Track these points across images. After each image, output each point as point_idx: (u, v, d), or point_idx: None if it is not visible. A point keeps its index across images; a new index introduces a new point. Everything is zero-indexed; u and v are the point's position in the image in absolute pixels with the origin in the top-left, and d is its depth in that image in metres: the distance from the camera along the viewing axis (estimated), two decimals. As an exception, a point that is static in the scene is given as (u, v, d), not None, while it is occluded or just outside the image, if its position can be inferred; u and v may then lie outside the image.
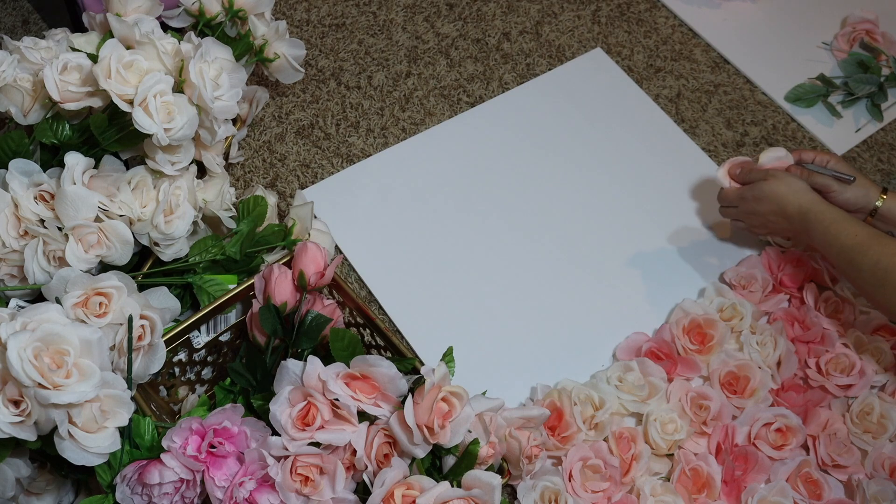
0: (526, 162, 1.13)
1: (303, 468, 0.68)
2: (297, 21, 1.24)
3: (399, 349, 0.82)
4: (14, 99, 0.81)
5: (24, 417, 0.64)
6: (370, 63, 1.21)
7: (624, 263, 1.05)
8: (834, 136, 1.19)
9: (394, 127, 1.15)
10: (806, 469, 0.89)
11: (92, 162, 0.79)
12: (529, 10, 1.28)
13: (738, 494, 0.88)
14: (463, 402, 0.71)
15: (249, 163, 1.10)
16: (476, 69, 1.21)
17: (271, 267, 0.79)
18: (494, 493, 0.69)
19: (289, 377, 0.71)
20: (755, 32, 1.29)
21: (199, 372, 0.87)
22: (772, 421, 0.91)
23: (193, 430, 0.69)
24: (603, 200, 1.10)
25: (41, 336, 0.63)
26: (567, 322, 1.00)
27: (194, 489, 0.69)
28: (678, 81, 1.23)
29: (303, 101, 1.16)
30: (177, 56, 0.82)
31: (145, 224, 0.81)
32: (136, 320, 0.72)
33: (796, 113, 1.20)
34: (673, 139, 1.17)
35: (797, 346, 0.97)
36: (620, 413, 0.92)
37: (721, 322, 0.97)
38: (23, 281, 0.78)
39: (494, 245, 1.05)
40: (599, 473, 0.86)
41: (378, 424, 0.71)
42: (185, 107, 0.80)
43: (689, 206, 1.10)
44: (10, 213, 0.76)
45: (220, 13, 0.98)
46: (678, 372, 0.95)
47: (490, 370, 0.96)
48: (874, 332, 0.99)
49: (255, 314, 0.80)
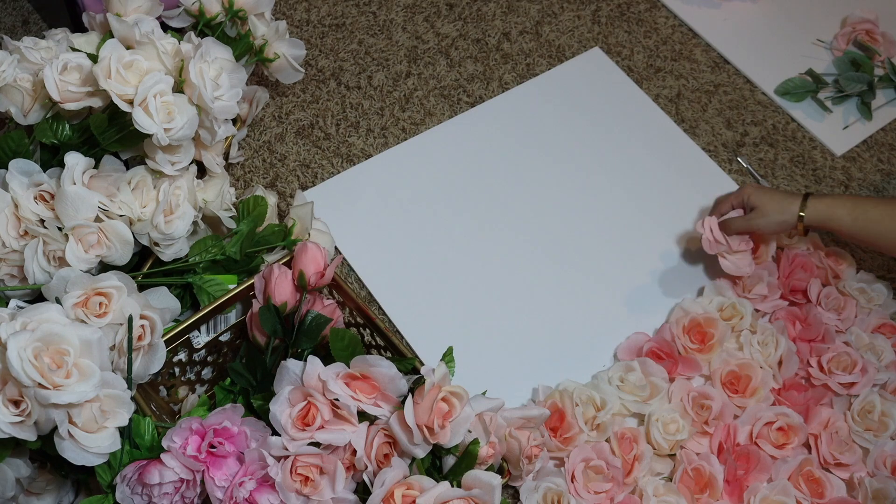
0: (525, 162, 1.12)
1: (303, 468, 0.68)
2: (297, 21, 1.24)
3: (399, 349, 0.82)
4: (14, 99, 0.81)
5: (24, 417, 0.64)
6: (370, 63, 1.21)
7: (624, 263, 1.05)
8: (834, 136, 1.19)
9: (394, 127, 1.15)
10: (808, 468, 0.89)
11: (92, 162, 0.79)
12: (529, 10, 1.28)
13: (741, 494, 0.88)
14: (463, 402, 0.71)
15: (249, 163, 1.10)
16: (476, 69, 1.21)
17: (271, 267, 0.79)
18: (494, 493, 0.69)
19: (289, 377, 0.71)
20: (755, 32, 1.29)
21: (199, 372, 0.87)
22: (773, 420, 0.91)
23: (193, 430, 0.69)
24: (603, 200, 1.10)
25: (41, 336, 0.63)
26: (567, 322, 1.00)
27: (194, 489, 0.68)
28: (678, 81, 1.23)
29: (303, 101, 1.16)
30: (177, 56, 0.82)
31: (145, 224, 0.81)
32: (136, 320, 0.72)
33: (787, 108, 1.20)
34: (673, 139, 1.17)
35: (799, 345, 0.97)
36: (622, 413, 0.92)
37: (721, 321, 0.97)
38: (23, 281, 0.78)
39: (494, 245, 1.05)
40: (602, 474, 0.85)
41: (378, 424, 0.71)
42: (185, 107, 0.80)
43: (689, 205, 1.10)
44: (10, 213, 0.76)
45: (220, 13, 0.98)
46: (679, 371, 0.95)
47: (490, 370, 0.95)
48: (875, 329, 0.99)
49: (255, 314, 0.80)
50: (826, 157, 1.17)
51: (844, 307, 1.00)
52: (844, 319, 0.99)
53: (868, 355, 0.96)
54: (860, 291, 1.01)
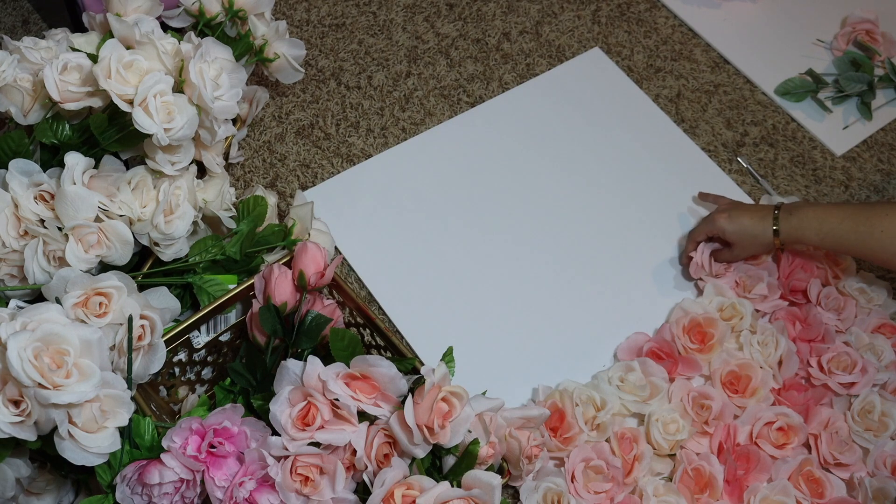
0: (525, 162, 1.12)
1: (303, 468, 0.68)
2: (297, 21, 1.24)
3: (399, 349, 0.82)
4: (14, 99, 0.81)
5: (24, 417, 0.64)
6: (370, 63, 1.21)
7: (624, 263, 1.05)
8: (834, 136, 1.19)
9: (394, 127, 1.15)
10: (808, 468, 0.89)
11: (92, 162, 0.79)
12: (529, 10, 1.28)
13: (741, 494, 0.88)
14: (463, 402, 0.71)
15: (249, 163, 1.10)
16: (476, 69, 1.21)
17: (271, 267, 0.79)
18: (494, 493, 0.69)
19: (289, 377, 0.71)
20: (755, 32, 1.29)
21: (199, 372, 0.87)
22: (773, 420, 0.91)
23: (193, 430, 0.69)
24: (603, 200, 1.10)
25: (41, 336, 0.63)
26: (567, 322, 1.00)
27: (194, 489, 0.68)
28: (678, 81, 1.23)
29: (303, 101, 1.16)
30: (177, 56, 0.82)
31: (145, 224, 0.81)
32: (136, 320, 0.72)
33: (787, 108, 1.20)
34: (673, 139, 1.17)
35: (799, 345, 0.97)
36: (622, 413, 0.92)
37: (721, 321, 0.97)
38: (23, 281, 0.78)
39: (494, 244, 1.05)
40: (602, 474, 0.85)
41: (378, 424, 0.71)
42: (185, 107, 0.80)
43: (689, 205, 1.10)
44: (10, 213, 0.76)
45: (220, 13, 0.98)
46: (679, 371, 0.95)
47: (490, 371, 0.95)
48: (875, 329, 0.99)
49: (255, 314, 0.80)
50: (826, 157, 1.17)
51: (844, 307, 1.00)
52: (844, 319, 0.99)
53: (868, 355, 0.97)
54: (860, 291, 1.01)
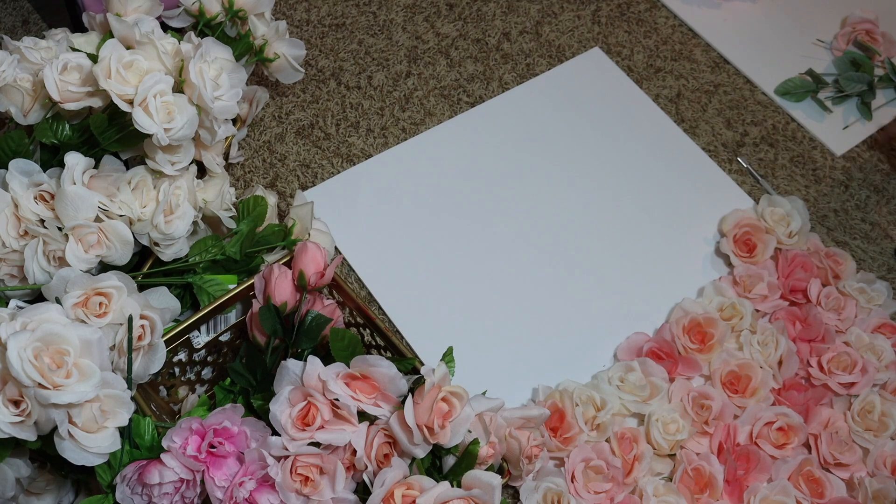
0: (525, 162, 1.12)
1: (303, 468, 0.68)
2: (297, 21, 1.24)
3: (399, 349, 0.82)
4: (14, 99, 0.81)
5: (24, 417, 0.64)
6: (370, 63, 1.21)
7: (624, 263, 1.05)
8: (834, 136, 1.19)
9: (394, 127, 1.15)
10: (808, 468, 0.89)
11: (92, 162, 0.79)
12: (529, 10, 1.28)
13: (741, 494, 0.88)
14: (463, 402, 0.71)
15: (249, 163, 1.10)
16: (476, 69, 1.21)
17: (271, 267, 0.79)
18: (494, 493, 0.69)
19: (289, 377, 0.71)
20: (755, 32, 1.29)
21: (199, 372, 0.87)
22: (773, 420, 0.91)
23: (193, 430, 0.69)
24: (602, 200, 1.10)
25: (41, 336, 0.63)
26: (567, 322, 1.00)
27: (194, 489, 0.68)
28: (678, 81, 1.23)
29: (303, 101, 1.16)
30: (177, 56, 0.82)
31: (145, 224, 0.81)
32: (136, 320, 0.72)
33: (787, 108, 1.20)
34: (673, 139, 1.17)
35: (799, 345, 0.97)
36: (622, 413, 0.92)
37: (721, 321, 0.97)
38: (23, 281, 0.78)
39: (494, 244, 1.05)
40: (602, 474, 0.85)
41: (378, 424, 0.71)
42: (185, 107, 0.80)
43: (689, 205, 1.10)
44: (10, 213, 0.76)
45: (220, 13, 0.98)
46: (679, 371, 0.95)
47: (490, 370, 0.95)
48: (875, 329, 0.99)
49: (255, 314, 0.80)
50: (826, 157, 1.17)
51: (844, 307, 1.00)
52: (844, 319, 0.99)
53: (868, 355, 0.97)
54: (860, 291, 1.01)
